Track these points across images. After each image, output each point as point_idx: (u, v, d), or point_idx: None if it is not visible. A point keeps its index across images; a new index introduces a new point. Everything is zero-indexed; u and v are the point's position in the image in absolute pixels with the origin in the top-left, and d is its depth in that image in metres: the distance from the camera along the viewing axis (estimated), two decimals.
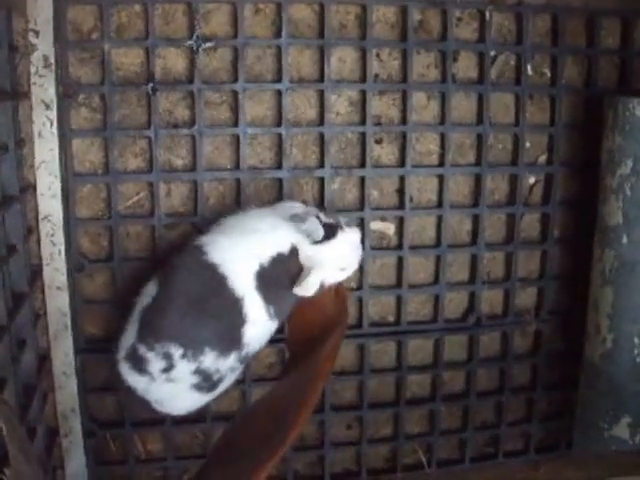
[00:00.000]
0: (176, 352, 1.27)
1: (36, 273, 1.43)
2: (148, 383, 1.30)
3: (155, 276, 1.33)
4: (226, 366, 1.32)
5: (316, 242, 1.33)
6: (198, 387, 1.32)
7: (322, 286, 1.35)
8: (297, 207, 1.41)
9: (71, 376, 1.49)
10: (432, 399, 1.70)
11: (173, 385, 1.31)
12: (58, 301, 1.45)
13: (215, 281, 1.28)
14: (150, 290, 1.31)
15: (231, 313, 1.29)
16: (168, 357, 1.27)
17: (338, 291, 1.42)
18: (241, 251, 1.31)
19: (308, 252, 1.33)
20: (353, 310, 1.61)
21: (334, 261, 1.36)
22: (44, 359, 1.46)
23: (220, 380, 1.34)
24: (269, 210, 1.39)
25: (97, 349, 1.51)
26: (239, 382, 1.57)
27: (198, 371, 1.30)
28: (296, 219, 1.35)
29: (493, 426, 1.75)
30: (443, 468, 1.72)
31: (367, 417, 1.66)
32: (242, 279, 1.29)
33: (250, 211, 1.39)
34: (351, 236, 1.38)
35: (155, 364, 1.28)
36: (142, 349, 1.28)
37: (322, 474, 1.67)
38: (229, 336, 1.30)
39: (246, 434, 1.23)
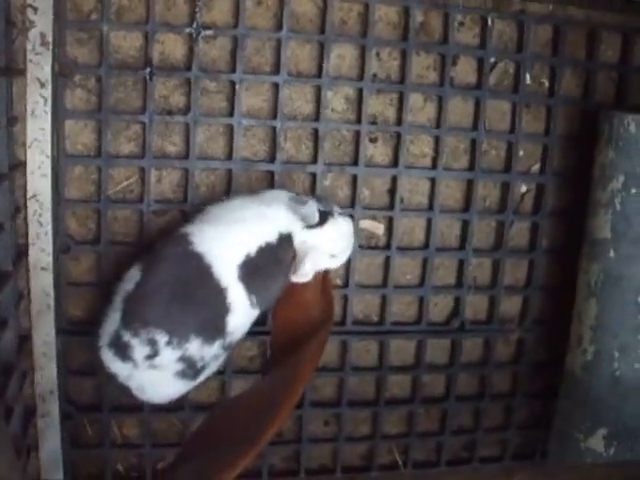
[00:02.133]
0: (161, 339, 1.27)
1: (21, 252, 1.42)
2: (131, 370, 1.30)
3: (138, 262, 1.33)
4: (210, 354, 1.32)
5: (310, 226, 1.35)
6: (182, 374, 1.32)
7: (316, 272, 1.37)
8: (286, 195, 1.41)
9: (51, 357, 1.48)
10: (411, 401, 1.70)
11: (157, 372, 1.30)
12: (42, 281, 1.45)
13: (200, 270, 1.28)
14: (133, 276, 1.30)
15: (215, 302, 1.29)
16: (153, 344, 1.27)
17: (325, 292, 1.42)
18: (227, 241, 1.31)
19: (302, 237, 1.34)
20: (338, 307, 1.60)
21: (326, 247, 1.37)
22: (25, 339, 1.45)
23: (204, 368, 1.34)
24: (256, 198, 1.39)
25: (79, 331, 1.51)
26: (219, 373, 1.57)
27: (183, 358, 1.29)
28: (295, 200, 1.36)
29: (470, 431, 1.75)
30: (418, 470, 1.73)
31: (345, 415, 1.67)
32: (227, 269, 1.29)
33: (236, 200, 1.39)
34: (344, 224, 1.40)
35: (140, 351, 1.28)
36: (127, 335, 1.28)
37: (298, 469, 1.67)
38: (213, 324, 1.30)
39: (224, 427, 1.24)
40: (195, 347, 1.29)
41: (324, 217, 1.37)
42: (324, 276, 1.44)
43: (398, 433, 1.72)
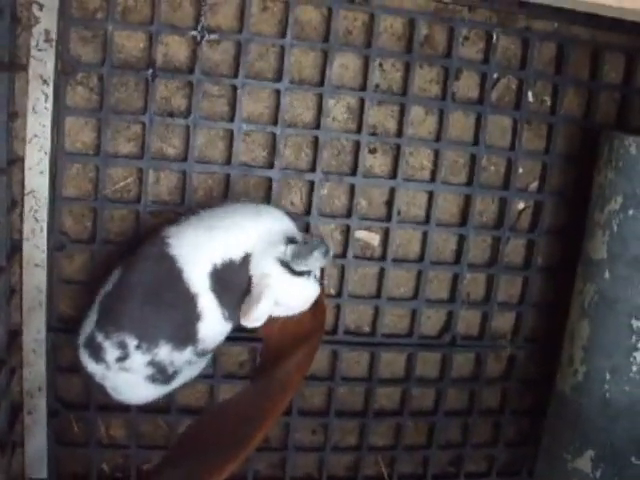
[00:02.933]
0: (131, 343, 1.26)
1: (16, 248, 1.42)
2: (104, 371, 1.30)
3: (120, 263, 1.32)
4: (182, 360, 1.31)
5: (290, 269, 1.28)
6: (152, 379, 1.31)
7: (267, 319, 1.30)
8: (284, 219, 1.37)
9: (41, 354, 1.48)
10: (400, 413, 1.70)
11: (128, 375, 1.30)
12: (35, 278, 1.44)
13: (172, 274, 1.26)
14: (114, 277, 1.30)
15: (186, 308, 1.27)
16: (123, 347, 1.26)
17: (319, 304, 1.41)
18: (198, 247, 1.28)
19: (270, 272, 1.27)
20: (330, 316, 1.60)
21: (285, 297, 1.30)
22: (15, 335, 1.45)
23: (176, 373, 1.33)
24: (245, 208, 1.37)
25: (70, 329, 1.50)
26: (207, 377, 1.57)
27: (152, 363, 1.29)
28: (296, 240, 1.31)
29: (458, 446, 1.75)
30: None
31: (333, 424, 1.66)
32: (196, 276, 1.27)
33: (227, 205, 1.38)
34: (315, 289, 1.34)
35: (111, 353, 1.27)
36: (100, 337, 1.28)
37: (283, 476, 1.67)
38: (184, 330, 1.28)
39: (212, 432, 1.23)
40: (165, 352, 1.28)
41: (309, 271, 1.30)
42: None
43: (385, 445, 1.72)
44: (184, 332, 1.29)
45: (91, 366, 1.30)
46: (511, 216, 1.65)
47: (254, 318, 1.26)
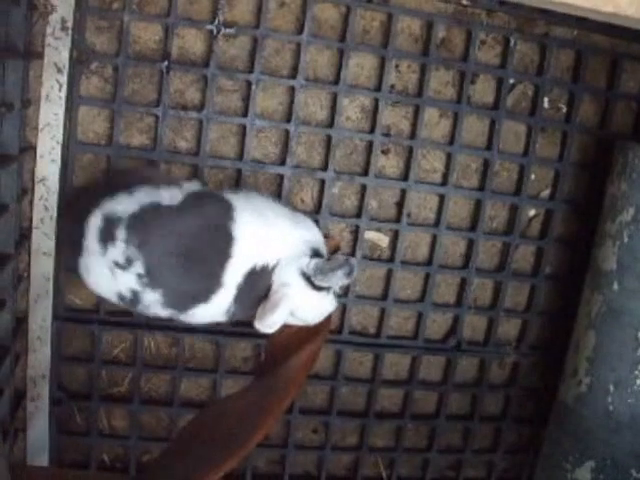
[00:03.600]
0: (136, 267, 1.22)
1: (24, 236, 1.42)
2: (97, 254, 1.25)
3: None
4: (153, 300, 1.26)
5: (311, 283, 1.28)
6: (121, 297, 1.27)
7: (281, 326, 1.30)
8: (314, 229, 1.37)
9: (46, 342, 1.48)
10: (401, 415, 1.70)
11: (107, 274, 1.25)
12: (43, 266, 1.45)
13: (221, 239, 1.25)
14: (171, 194, 1.28)
15: (204, 285, 1.26)
16: (128, 262, 1.22)
17: None
18: (256, 243, 1.27)
19: (294, 284, 1.28)
20: (335, 316, 1.59)
21: (304, 310, 1.32)
22: (21, 322, 1.45)
23: (138, 301, 1.27)
24: (290, 215, 1.35)
25: (75, 318, 1.51)
26: (211, 372, 1.57)
27: (134, 292, 1.24)
28: (321, 254, 1.31)
29: (458, 450, 1.75)
30: None
31: (334, 424, 1.66)
32: (236, 268, 1.26)
33: (282, 208, 1.36)
34: (332, 305, 1.35)
35: (115, 252, 1.23)
36: (119, 233, 1.22)
37: (282, 474, 1.67)
38: (184, 298, 1.26)
39: (212, 428, 1.23)
40: (154, 299, 1.25)
41: (330, 287, 1.31)
42: None
43: (385, 446, 1.72)
44: (183, 299, 1.27)
45: (88, 241, 1.25)
46: (521, 223, 1.65)
47: (268, 324, 1.27)
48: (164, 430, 1.61)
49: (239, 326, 1.54)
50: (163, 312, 1.27)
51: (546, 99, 1.61)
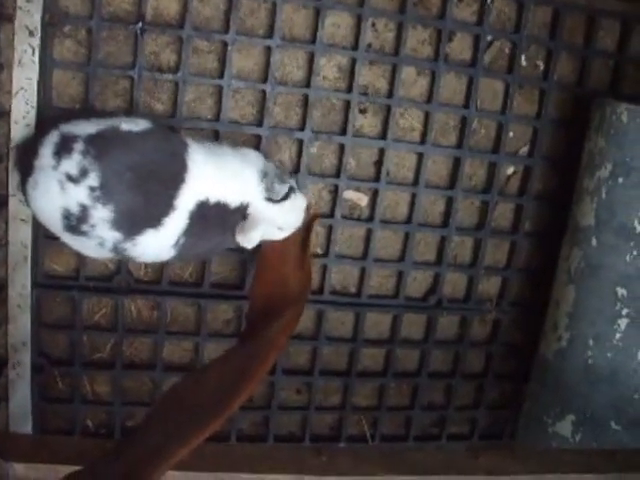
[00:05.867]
0: (91, 180, 1.21)
1: (1, 203, 1.40)
2: (49, 167, 1.23)
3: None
4: (101, 218, 1.23)
5: (271, 199, 1.36)
6: (65, 217, 1.24)
7: (260, 242, 1.38)
8: (265, 164, 1.40)
9: (25, 309, 1.47)
10: (383, 374, 1.71)
11: (54, 188, 1.23)
12: (21, 233, 1.43)
13: (177, 164, 1.29)
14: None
15: (158, 208, 1.26)
16: (82, 173, 1.21)
17: (304, 267, 1.41)
18: (206, 177, 1.31)
19: (260, 207, 1.35)
20: (316, 276, 1.60)
21: (279, 221, 1.39)
22: (0, 290, 1.44)
23: (88, 229, 1.24)
24: (239, 153, 1.39)
25: (54, 285, 1.50)
26: (193, 335, 1.57)
27: (82, 206, 1.22)
28: (274, 175, 1.36)
29: (441, 408, 1.76)
30: (386, 443, 1.74)
31: (317, 384, 1.67)
32: (189, 196, 1.28)
33: (226, 147, 1.40)
34: (300, 201, 1.42)
35: (68, 164, 1.22)
36: (77, 145, 1.22)
37: (266, 435, 1.68)
38: (133, 220, 1.26)
39: (196, 391, 1.24)
40: (101, 217, 1.23)
41: (287, 194, 1.38)
42: (304, 251, 1.45)
43: (368, 405, 1.73)
44: (132, 219, 1.25)
45: (44, 157, 1.23)
46: (500, 180, 1.65)
47: (248, 239, 1.35)
48: (147, 395, 1.61)
49: (221, 288, 1.54)
50: (109, 235, 1.25)
51: (523, 56, 1.60)
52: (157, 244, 1.30)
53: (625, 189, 1.42)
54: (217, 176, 1.32)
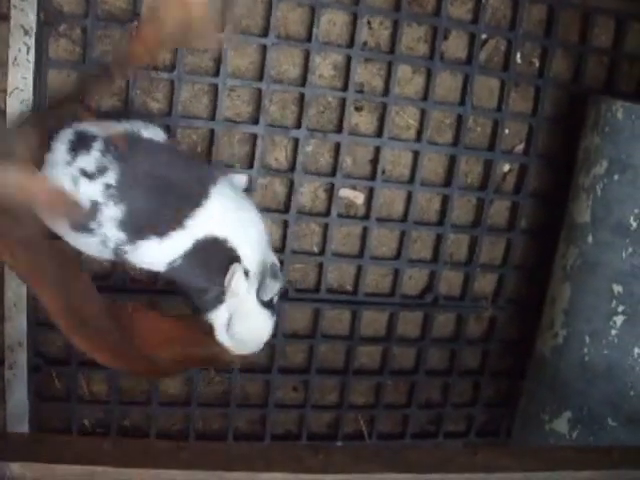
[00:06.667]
0: (109, 177, 1.21)
1: None
2: (65, 163, 1.23)
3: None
4: (109, 217, 1.23)
5: (259, 297, 1.30)
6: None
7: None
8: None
9: (22, 309, 1.47)
10: (380, 372, 1.71)
11: (69, 183, 1.22)
12: None
13: (199, 187, 1.27)
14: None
15: (175, 211, 1.25)
16: (100, 171, 1.21)
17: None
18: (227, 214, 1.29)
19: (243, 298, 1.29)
20: (313, 274, 1.61)
21: (246, 324, 1.32)
22: None
23: (94, 216, 1.23)
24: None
25: None
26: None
27: (95, 204, 1.22)
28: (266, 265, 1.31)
29: (437, 405, 1.77)
30: (383, 441, 1.74)
31: (314, 382, 1.67)
32: (204, 218, 1.26)
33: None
34: (268, 325, 1.35)
35: (88, 159, 1.21)
36: (98, 146, 1.22)
37: (263, 433, 1.68)
38: (143, 224, 1.25)
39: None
40: (111, 215, 1.23)
41: (271, 300, 1.32)
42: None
43: (365, 403, 1.73)
44: (140, 223, 1.25)
45: (57, 153, 1.23)
46: (496, 178, 1.65)
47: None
48: (143, 394, 1.61)
49: None
50: (113, 234, 1.24)
51: (519, 54, 1.61)
52: (156, 254, 1.28)
53: (621, 186, 1.42)
54: (233, 222, 1.29)
